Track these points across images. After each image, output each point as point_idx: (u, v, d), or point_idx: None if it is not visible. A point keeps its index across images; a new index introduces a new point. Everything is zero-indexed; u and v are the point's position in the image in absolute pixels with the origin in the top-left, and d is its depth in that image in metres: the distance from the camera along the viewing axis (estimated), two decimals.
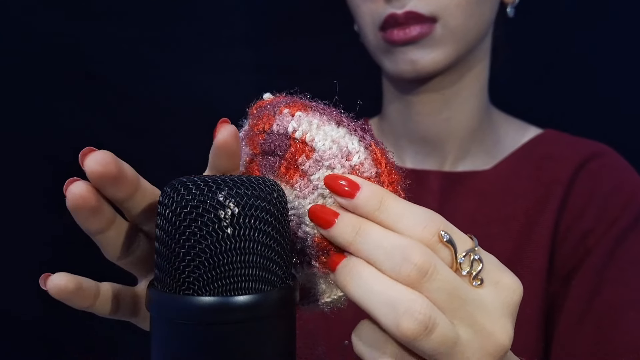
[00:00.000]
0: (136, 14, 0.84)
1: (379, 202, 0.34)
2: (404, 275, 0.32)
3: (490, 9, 0.67)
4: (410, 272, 0.32)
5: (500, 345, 0.34)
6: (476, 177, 0.70)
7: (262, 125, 0.38)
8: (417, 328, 0.32)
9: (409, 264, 0.32)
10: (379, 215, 0.34)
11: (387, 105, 0.75)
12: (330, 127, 0.37)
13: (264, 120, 0.38)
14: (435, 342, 0.32)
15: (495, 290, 0.35)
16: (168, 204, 0.33)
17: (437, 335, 0.32)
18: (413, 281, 0.32)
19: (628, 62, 0.83)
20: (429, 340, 0.32)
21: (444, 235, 0.34)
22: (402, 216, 0.34)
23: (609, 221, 0.64)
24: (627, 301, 0.60)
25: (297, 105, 0.38)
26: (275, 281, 0.34)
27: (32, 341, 0.87)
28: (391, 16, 0.63)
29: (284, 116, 0.38)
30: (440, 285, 0.33)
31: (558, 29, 0.84)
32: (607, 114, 0.83)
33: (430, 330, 0.32)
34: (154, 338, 0.34)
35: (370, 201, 0.34)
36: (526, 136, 0.73)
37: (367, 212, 0.34)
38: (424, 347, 0.32)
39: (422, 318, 0.32)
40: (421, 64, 0.64)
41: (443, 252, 0.34)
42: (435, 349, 0.32)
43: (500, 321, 0.34)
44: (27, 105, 0.85)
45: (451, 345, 0.33)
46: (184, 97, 0.85)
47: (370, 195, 0.34)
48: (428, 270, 0.32)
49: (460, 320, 0.33)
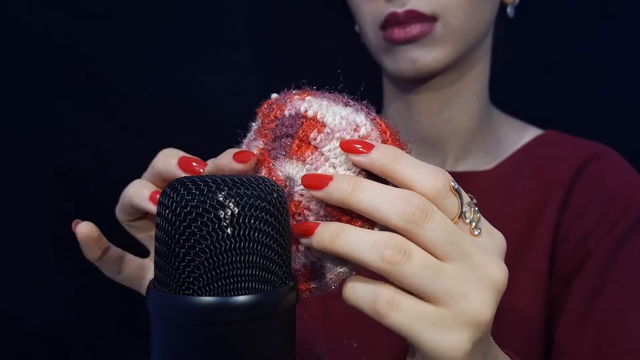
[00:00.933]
0: (136, 14, 0.84)
1: (394, 154, 0.37)
2: (409, 215, 0.36)
3: (491, 9, 0.67)
4: (415, 212, 0.36)
5: (497, 279, 0.38)
6: (477, 177, 0.70)
7: (273, 114, 0.41)
8: (397, 254, 0.36)
9: (412, 206, 0.36)
10: (395, 166, 0.37)
11: (387, 106, 0.75)
12: (339, 106, 0.40)
13: (275, 109, 0.41)
14: (417, 265, 0.36)
15: (489, 238, 0.39)
16: (168, 204, 0.33)
17: (417, 260, 0.36)
18: (418, 220, 0.36)
19: (629, 63, 0.83)
20: (410, 263, 0.36)
21: (454, 184, 0.38)
22: (416, 166, 0.37)
23: (610, 222, 0.64)
24: (628, 303, 0.60)
25: (307, 91, 0.41)
26: (275, 281, 0.34)
27: (38, 346, 0.87)
28: (392, 15, 0.63)
29: (295, 101, 0.41)
30: (438, 223, 0.36)
31: (559, 29, 0.84)
32: (608, 114, 0.83)
33: (409, 256, 0.36)
34: (154, 338, 0.34)
35: (386, 153, 0.37)
36: (527, 137, 0.73)
37: (383, 164, 0.37)
38: (408, 271, 0.36)
39: (400, 246, 0.36)
40: (421, 63, 0.64)
41: (451, 200, 0.38)
42: (418, 273, 0.36)
43: (496, 259, 0.38)
44: (27, 105, 0.85)
45: (434, 272, 0.36)
46: (184, 97, 0.85)
47: (385, 149, 0.38)
48: (428, 211, 0.36)
49: (455, 256, 0.37)
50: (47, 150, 0.85)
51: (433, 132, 0.71)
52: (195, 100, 0.86)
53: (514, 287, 0.64)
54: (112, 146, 0.85)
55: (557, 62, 0.85)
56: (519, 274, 0.64)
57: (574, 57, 0.84)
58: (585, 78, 0.84)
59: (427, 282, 0.36)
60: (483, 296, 0.37)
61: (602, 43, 0.83)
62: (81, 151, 0.85)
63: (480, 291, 0.37)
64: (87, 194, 0.86)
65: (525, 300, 0.64)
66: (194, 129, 0.84)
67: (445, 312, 0.37)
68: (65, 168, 0.85)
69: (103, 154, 0.86)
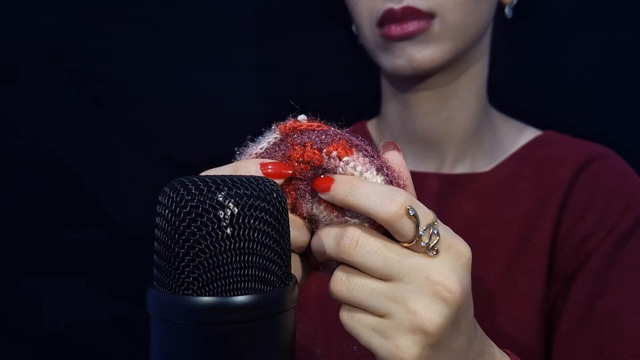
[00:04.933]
0: (136, 14, 0.84)
1: (349, 187, 0.39)
2: (342, 246, 0.40)
3: (488, 7, 0.67)
4: (346, 243, 0.40)
5: (448, 292, 0.39)
6: (475, 179, 0.70)
7: (308, 157, 0.41)
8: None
9: (345, 237, 0.40)
10: (351, 198, 0.39)
11: (385, 106, 0.75)
12: (371, 174, 0.41)
13: (309, 153, 0.41)
14: (352, 288, 0.40)
15: (446, 255, 0.40)
16: (167, 204, 0.33)
17: (353, 284, 0.40)
18: (349, 250, 0.40)
19: (629, 63, 0.83)
20: (348, 288, 0.40)
21: (410, 209, 0.38)
22: (370, 193, 0.39)
23: (609, 224, 0.64)
24: (627, 305, 0.60)
25: (344, 146, 0.41)
26: (275, 281, 0.34)
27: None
28: (389, 11, 0.63)
29: (333, 158, 0.41)
30: (369, 249, 0.40)
31: (558, 30, 0.84)
32: (607, 115, 0.83)
33: (347, 283, 0.41)
34: (154, 338, 0.34)
35: (342, 187, 0.40)
36: (526, 137, 0.73)
37: (341, 197, 0.40)
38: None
39: (339, 273, 0.41)
40: (418, 60, 0.64)
41: (408, 225, 0.39)
42: (355, 295, 0.40)
43: (449, 275, 0.40)
44: (27, 105, 0.85)
45: (369, 290, 0.40)
46: (184, 97, 0.85)
47: (342, 183, 0.40)
48: (358, 240, 0.40)
49: (393, 275, 0.40)
50: (47, 151, 0.85)
51: (431, 132, 0.71)
52: (195, 100, 0.86)
53: (513, 289, 0.64)
54: (112, 146, 0.85)
55: (556, 62, 0.84)
56: (517, 276, 0.64)
57: (573, 57, 0.84)
58: (585, 78, 0.84)
59: (365, 300, 0.40)
60: (430, 307, 0.39)
61: (601, 43, 0.83)
62: (82, 151, 0.85)
63: (426, 303, 0.39)
64: (87, 194, 0.86)
65: (524, 301, 0.64)
66: (194, 129, 0.84)
67: (393, 323, 0.39)
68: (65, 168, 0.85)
69: (103, 154, 0.85)
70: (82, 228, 0.86)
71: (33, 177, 0.85)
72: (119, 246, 0.83)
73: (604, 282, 0.61)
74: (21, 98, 0.84)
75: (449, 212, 0.68)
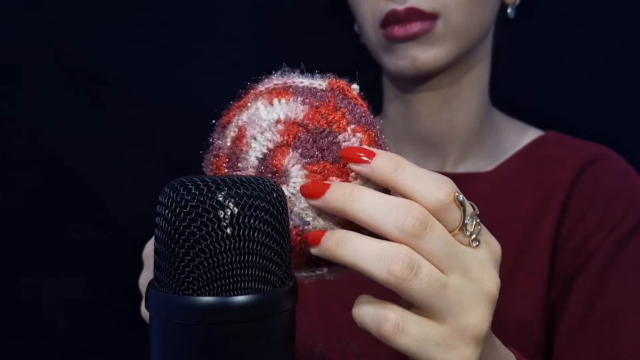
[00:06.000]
0: (136, 14, 0.84)
1: (395, 164, 0.37)
2: (410, 225, 0.35)
3: (491, 8, 0.67)
4: (415, 224, 0.35)
5: (491, 291, 0.38)
6: (477, 178, 0.70)
7: (331, 120, 0.39)
8: (405, 269, 0.35)
9: (412, 218, 0.35)
10: (396, 177, 0.36)
11: (387, 106, 0.75)
12: None
13: (335, 117, 0.39)
14: (424, 282, 0.35)
15: (486, 249, 0.39)
16: (167, 204, 0.33)
17: (424, 276, 0.35)
18: (418, 232, 0.35)
19: (629, 63, 0.83)
20: (418, 280, 0.35)
21: (458, 195, 0.37)
22: (419, 176, 0.37)
23: (610, 225, 0.64)
24: (628, 306, 0.60)
25: (371, 136, 0.39)
26: (275, 281, 0.34)
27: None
28: (392, 12, 0.63)
29: (355, 138, 0.39)
30: (438, 235, 0.36)
31: (559, 30, 0.84)
32: (608, 116, 0.83)
33: (417, 272, 0.35)
34: (154, 338, 0.34)
35: (387, 163, 0.37)
36: (527, 138, 0.73)
37: (384, 173, 0.37)
38: (415, 287, 0.35)
39: (408, 260, 0.35)
40: (421, 61, 0.64)
41: (454, 212, 0.37)
42: (426, 290, 0.35)
43: (490, 271, 0.38)
44: (27, 105, 0.85)
45: (441, 287, 0.36)
46: (184, 97, 0.85)
47: (387, 158, 0.37)
48: (428, 224, 0.36)
49: (455, 269, 0.37)
50: (47, 150, 0.85)
51: (433, 132, 0.71)
52: (194, 100, 0.85)
53: (514, 289, 0.64)
54: (112, 146, 0.85)
55: (557, 63, 0.84)
56: (519, 276, 0.64)
57: (575, 58, 0.84)
58: (585, 78, 0.84)
59: (434, 298, 0.36)
60: (481, 310, 0.37)
61: (602, 43, 0.83)
62: (82, 151, 0.85)
63: (477, 305, 0.37)
64: (87, 194, 0.86)
65: (526, 302, 0.64)
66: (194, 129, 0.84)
67: (448, 329, 0.37)
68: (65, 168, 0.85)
69: (103, 154, 0.85)
70: (82, 228, 0.86)
71: (33, 177, 0.85)
72: (119, 246, 0.83)
73: (604, 282, 0.61)
74: (21, 98, 0.84)
75: None
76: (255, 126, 0.40)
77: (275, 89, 0.41)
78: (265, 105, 0.40)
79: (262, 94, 0.41)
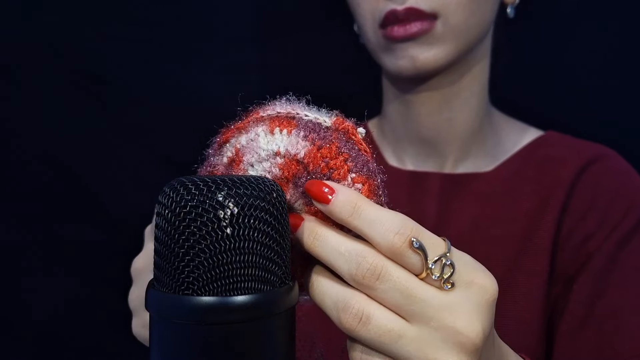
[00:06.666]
0: (136, 14, 0.84)
1: (353, 207, 0.36)
2: (361, 276, 0.35)
3: (491, 8, 0.67)
4: (365, 274, 0.35)
5: (467, 338, 0.35)
6: (477, 178, 0.70)
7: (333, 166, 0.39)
8: (352, 320, 0.35)
9: (363, 267, 0.35)
10: (352, 220, 0.36)
11: (387, 106, 0.75)
12: None
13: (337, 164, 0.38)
14: (373, 332, 0.35)
15: (466, 291, 0.36)
16: (167, 204, 0.33)
17: (373, 327, 0.35)
18: (369, 283, 0.35)
19: (629, 63, 0.83)
20: (367, 330, 0.35)
21: (414, 242, 0.35)
22: (374, 222, 0.36)
23: (610, 225, 0.64)
24: (628, 306, 0.60)
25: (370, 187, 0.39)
26: (275, 281, 0.34)
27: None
28: (392, 12, 0.63)
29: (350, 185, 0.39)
30: (392, 285, 0.35)
31: (559, 30, 0.84)
32: (608, 116, 0.83)
33: (365, 322, 0.35)
34: (154, 338, 0.34)
35: (345, 206, 0.36)
36: (527, 138, 0.73)
37: (342, 216, 0.36)
38: (365, 337, 0.35)
39: (355, 311, 0.35)
40: (421, 61, 0.64)
41: (413, 257, 0.36)
42: (376, 339, 0.35)
43: (468, 319, 0.35)
44: (27, 105, 0.85)
45: (394, 338, 0.35)
46: (184, 97, 0.85)
47: (345, 200, 0.36)
48: (380, 272, 0.35)
49: (417, 318, 0.35)
50: (47, 150, 0.85)
51: (433, 132, 0.71)
52: (194, 100, 0.86)
53: (514, 289, 0.64)
54: (112, 146, 0.85)
55: (557, 63, 0.84)
56: (519, 276, 0.64)
57: (575, 58, 0.84)
58: (586, 79, 0.84)
59: (388, 348, 0.35)
60: (450, 358, 0.35)
61: (602, 43, 0.83)
62: (82, 151, 0.85)
63: (446, 353, 0.35)
64: (87, 194, 0.86)
65: (526, 302, 0.64)
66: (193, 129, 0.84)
67: None
68: (65, 168, 0.85)
69: (103, 154, 0.85)
70: (81, 228, 0.86)
71: (33, 177, 0.85)
72: (118, 246, 0.83)
73: (605, 282, 0.61)
74: (21, 98, 0.84)
75: (451, 212, 0.68)
76: (253, 153, 0.40)
77: (278, 118, 0.40)
78: (266, 133, 0.40)
79: (264, 120, 0.40)
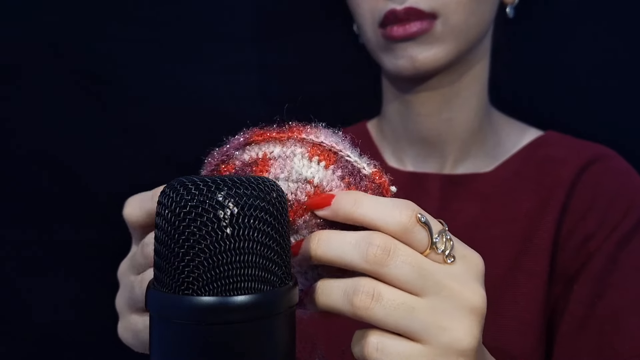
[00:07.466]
0: (136, 14, 0.84)
1: (354, 200, 0.38)
2: (372, 254, 0.36)
3: (490, 7, 0.67)
4: (377, 252, 0.36)
5: (475, 304, 0.37)
6: (477, 179, 0.70)
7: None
8: (365, 298, 0.36)
9: (373, 246, 0.36)
10: (356, 210, 0.38)
11: (386, 106, 0.75)
12: None
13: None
14: (388, 307, 0.36)
15: (465, 264, 0.39)
16: (167, 204, 0.33)
17: (387, 301, 0.36)
18: (381, 260, 0.36)
19: (629, 63, 0.83)
20: (382, 306, 0.36)
21: (421, 217, 0.37)
22: (378, 204, 0.38)
23: (611, 225, 0.64)
24: (629, 306, 0.60)
25: None
26: (275, 281, 0.34)
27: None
28: (391, 12, 0.63)
29: None
30: (404, 259, 0.37)
31: (559, 29, 0.84)
32: (609, 116, 0.83)
33: (378, 298, 0.36)
34: (153, 338, 0.34)
35: (346, 201, 0.38)
36: (527, 138, 0.73)
37: (345, 210, 0.38)
38: (380, 314, 0.36)
39: (366, 290, 0.37)
40: (420, 61, 0.64)
41: (420, 233, 0.37)
42: (391, 314, 0.36)
43: (472, 285, 0.38)
44: (27, 105, 0.85)
45: (408, 310, 0.36)
46: (184, 97, 0.85)
47: (344, 197, 0.38)
48: (391, 249, 0.36)
49: (427, 290, 0.37)
50: (47, 150, 0.85)
51: (433, 133, 0.71)
52: (194, 100, 0.86)
53: (514, 289, 0.64)
54: (112, 146, 0.85)
55: (557, 63, 0.84)
56: (519, 276, 0.64)
57: (574, 58, 0.84)
58: (586, 79, 0.84)
59: (403, 321, 0.36)
60: (464, 324, 0.37)
61: (602, 43, 0.83)
62: (82, 151, 0.85)
63: (460, 320, 0.37)
64: (87, 194, 0.86)
65: (526, 302, 0.64)
66: (193, 129, 0.84)
67: (430, 349, 0.37)
68: (65, 168, 0.85)
69: (103, 154, 0.85)
70: (81, 228, 0.86)
71: (33, 177, 0.85)
72: (118, 246, 0.83)
73: (605, 282, 0.61)
74: (21, 98, 0.84)
75: (451, 213, 0.68)
76: (283, 169, 0.40)
77: (321, 146, 0.40)
78: (303, 156, 0.40)
79: (305, 142, 0.40)
